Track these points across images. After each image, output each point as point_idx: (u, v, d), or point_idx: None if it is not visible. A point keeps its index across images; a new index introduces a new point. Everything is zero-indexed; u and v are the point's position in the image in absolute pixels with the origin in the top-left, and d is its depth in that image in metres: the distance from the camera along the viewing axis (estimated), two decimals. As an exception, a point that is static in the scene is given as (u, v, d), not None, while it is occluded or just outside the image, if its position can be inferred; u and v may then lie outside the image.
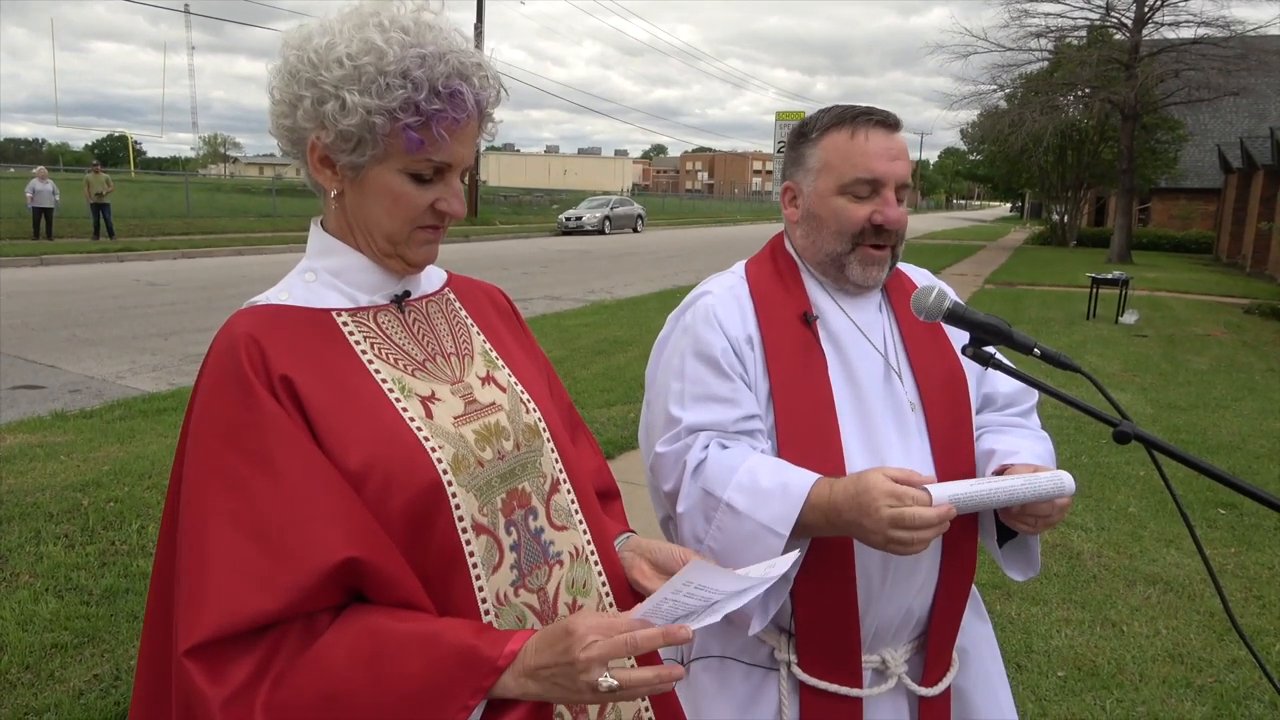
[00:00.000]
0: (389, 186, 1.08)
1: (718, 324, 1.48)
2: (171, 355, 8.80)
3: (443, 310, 1.24)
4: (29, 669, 3.09)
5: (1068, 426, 6.58)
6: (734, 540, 1.35)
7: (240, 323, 1.06)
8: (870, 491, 1.23)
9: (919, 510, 1.21)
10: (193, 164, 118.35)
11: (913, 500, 1.22)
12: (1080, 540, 4.61)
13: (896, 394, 1.49)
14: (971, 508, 1.27)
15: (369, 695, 0.93)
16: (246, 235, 24.11)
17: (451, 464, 1.07)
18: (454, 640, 0.96)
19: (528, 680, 0.96)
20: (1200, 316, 14.20)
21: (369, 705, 0.93)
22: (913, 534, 1.21)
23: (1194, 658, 3.46)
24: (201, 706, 0.91)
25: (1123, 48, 26.55)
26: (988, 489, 1.27)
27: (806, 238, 1.54)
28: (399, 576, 1.00)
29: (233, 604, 0.92)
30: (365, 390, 1.07)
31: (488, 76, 1.09)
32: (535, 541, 1.15)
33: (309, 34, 1.07)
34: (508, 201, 47.39)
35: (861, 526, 1.25)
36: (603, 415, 6.63)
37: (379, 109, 1.02)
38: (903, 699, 1.50)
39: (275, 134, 1.12)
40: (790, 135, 1.58)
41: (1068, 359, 1.30)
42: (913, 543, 1.22)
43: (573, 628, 0.95)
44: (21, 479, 4.89)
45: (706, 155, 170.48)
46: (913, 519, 1.20)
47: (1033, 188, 45.41)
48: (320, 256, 1.15)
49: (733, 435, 1.44)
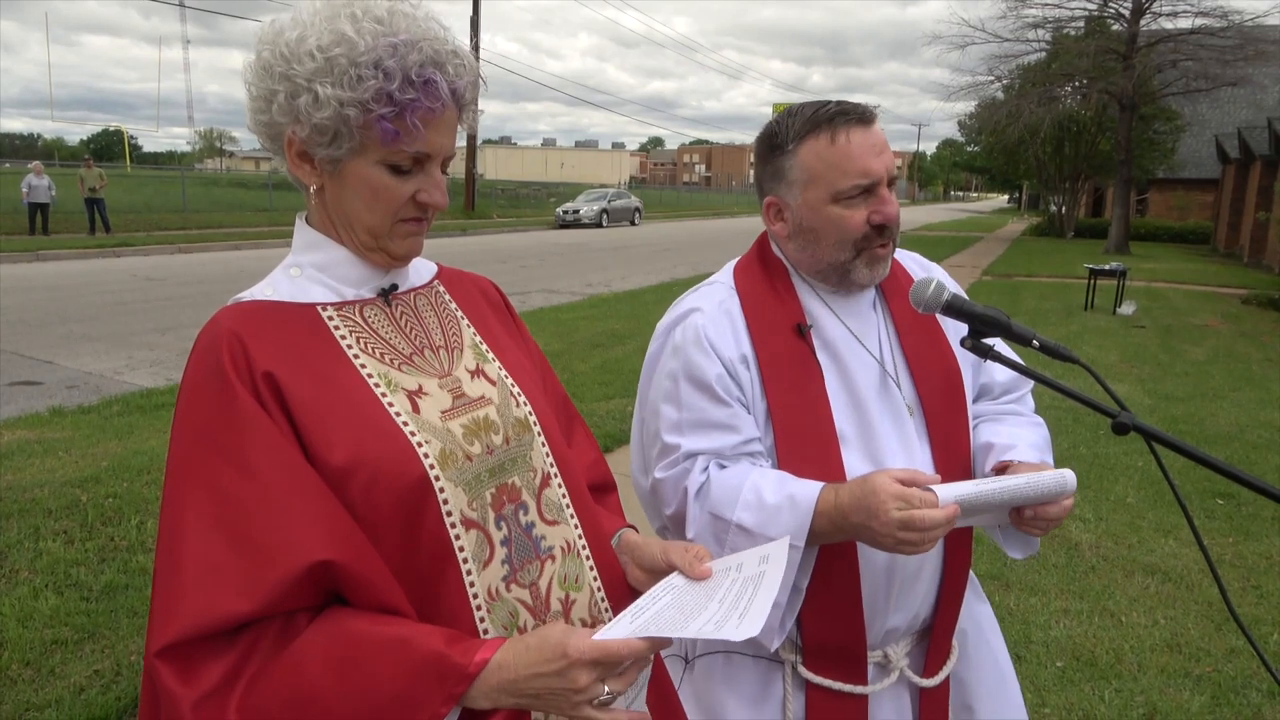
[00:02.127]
0: (368, 179, 1.07)
1: (710, 347, 1.43)
2: (169, 350, 8.78)
3: (431, 303, 1.23)
4: (29, 665, 3.09)
5: (1065, 417, 6.58)
6: None
7: (224, 320, 1.05)
8: (877, 494, 1.23)
9: (927, 512, 1.21)
10: (189, 158, 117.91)
11: (920, 501, 1.21)
12: (1079, 531, 4.62)
13: (894, 399, 1.47)
14: (977, 508, 1.27)
15: (340, 699, 0.92)
16: (243, 230, 24.06)
17: (438, 459, 1.06)
18: (425, 647, 0.95)
19: (501, 694, 0.95)
20: (1198, 307, 14.21)
21: (340, 710, 0.92)
22: (922, 535, 1.21)
23: (1192, 647, 3.48)
24: (172, 707, 0.90)
25: (1120, 38, 26.49)
26: (992, 489, 1.27)
27: (802, 250, 1.48)
28: (376, 580, 0.99)
29: (205, 604, 0.91)
30: (350, 385, 1.06)
31: (463, 64, 1.08)
32: (526, 536, 1.14)
33: (281, 28, 1.06)
34: (505, 195, 47.26)
35: (870, 529, 1.25)
36: (601, 409, 6.63)
37: (351, 101, 1.01)
38: (904, 690, 1.51)
39: (253, 129, 1.11)
40: (759, 147, 1.50)
41: (1067, 350, 1.30)
42: (922, 543, 1.23)
43: (569, 650, 0.94)
44: (20, 475, 4.88)
45: (703, 148, 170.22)
46: (921, 521, 1.20)
47: (1030, 179, 45.44)
48: (305, 251, 1.14)
49: (732, 459, 1.42)
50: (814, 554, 1.38)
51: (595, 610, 1.19)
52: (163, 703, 0.91)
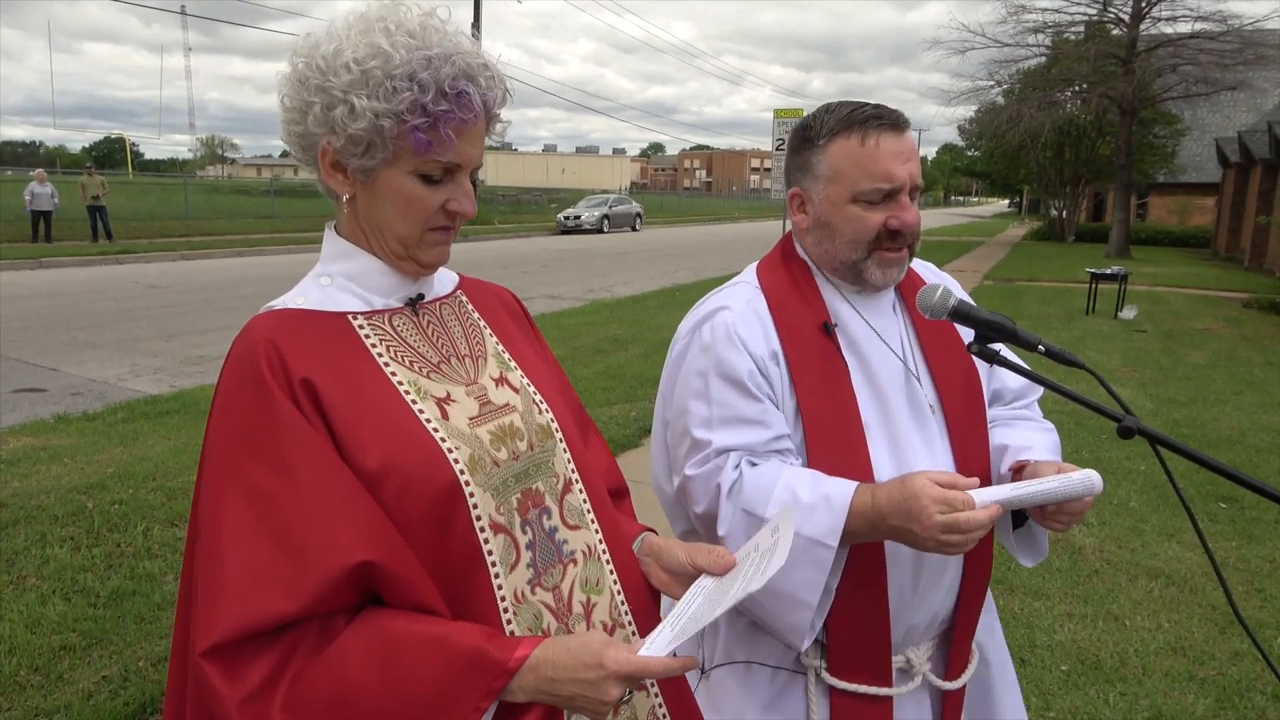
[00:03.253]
0: (400, 188, 1.09)
1: (741, 344, 1.44)
2: (173, 357, 8.81)
3: (456, 312, 1.25)
4: (38, 671, 3.10)
5: (1068, 421, 6.59)
6: None
7: (258, 327, 1.07)
8: (920, 499, 1.24)
9: (971, 514, 1.23)
10: (190, 165, 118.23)
11: (963, 504, 1.23)
12: (1082, 535, 4.62)
13: (916, 397, 1.49)
14: (1009, 508, 1.31)
15: (382, 697, 0.95)
16: (246, 236, 24.09)
17: (468, 464, 1.08)
18: (464, 643, 0.98)
19: (538, 692, 0.99)
20: (1199, 311, 14.21)
21: (382, 707, 0.95)
22: (965, 536, 1.24)
23: (1196, 651, 3.48)
24: (219, 706, 0.92)
25: (1120, 43, 26.54)
26: (1028, 492, 1.30)
27: (819, 245, 1.51)
28: (413, 580, 1.01)
29: (250, 605, 0.93)
30: (382, 393, 1.08)
31: (494, 77, 1.10)
32: (550, 540, 1.16)
33: (316, 41, 1.08)
34: (506, 201, 47.28)
35: (911, 533, 1.26)
36: (604, 414, 6.64)
37: (387, 112, 1.03)
38: (925, 694, 1.52)
39: (286, 141, 1.14)
40: (792, 138, 1.54)
41: (1072, 355, 1.32)
42: (965, 545, 1.25)
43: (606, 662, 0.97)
44: (26, 482, 4.90)
45: (704, 153, 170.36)
46: (966, 523, 1.22)
47: (1031, 183, 45.43)
48: (335, 261, 1.17)
49: (763, 455, 1.43)
50: (845, 554, 1.38)
51: (615, 613, 1.21)
52: (210, 702, 0.93)
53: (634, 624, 1.22)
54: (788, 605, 1.36)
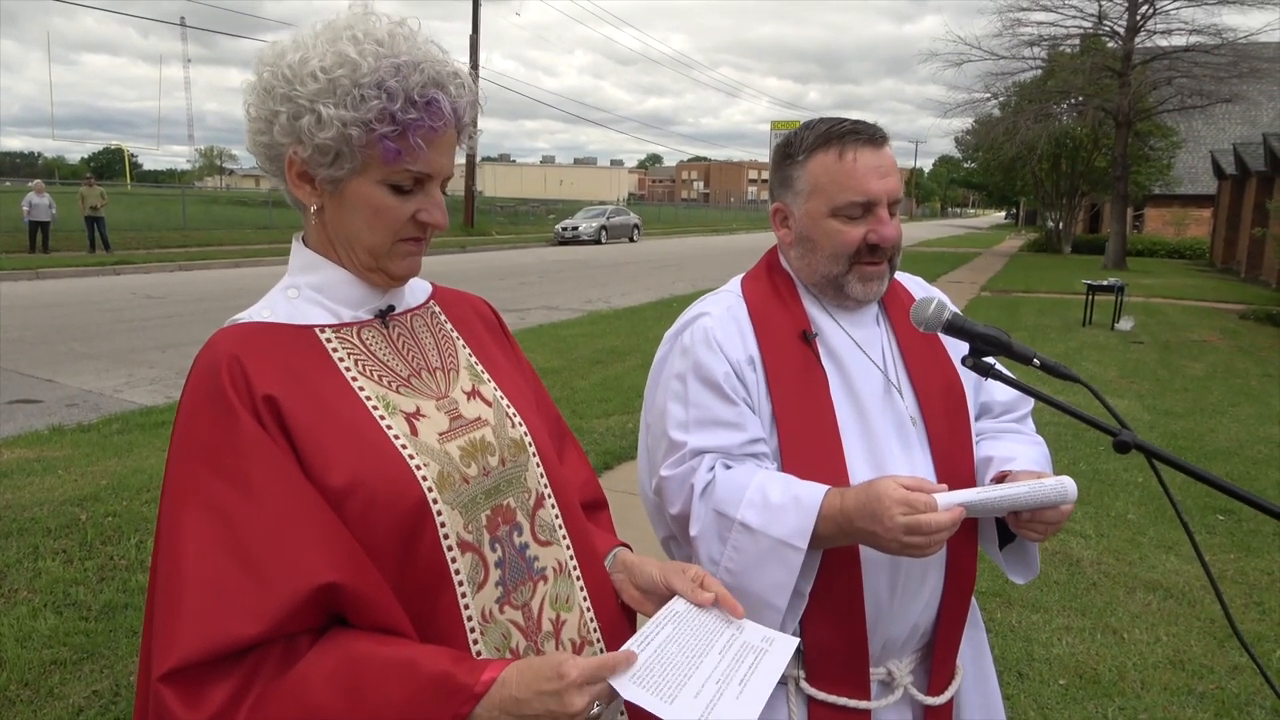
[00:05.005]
0: (369, 199, 1.08)
1: (718, 347, 1.47)
2: (169, 368, 8.78)
3: (428, 324, 1.23)
4: (28, 685, 3.08)
5: (1065, 434, 6.59)
6: (751, 559, 1.35)
7: (222, 342, 1.05)
8: (883, 500, 1.25)
9: (932, 516, 1.23)
10: (189, 176, 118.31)
11: (925, 506, 1.24)
12: (1080, 547, 4.61)
13: (897, 408, 1.50)
14: (978, 514, 1.30)
15: None
16: (243, 247, 24.11)
17: (436, 481, 1.06)
18: (431, 668, 0.96)
19: (504, 713, 0.96)
20: (1196, 322, 14.24)
21: None
22: (928, 538, 1.24)
23: (1195, 664, 3.47)
24: None
25: (1116, 55, 26.68)
26: (995, 496, 1.29)
27: (801, 259, 1.53)
28: (379, 600, 0.99)
29: (211, 627, 0.91)
30: (349, 408, 1.06)
31: (464, 85, 1.09)
32: (520, 557, 1.14)
33: (282, 50, 1.07)
34: (504, 212, 47.39)
35: (874, 534, 1.27)
36: (601, 425, 6.62)
37: (354, 121, 1.02)
38: (907, 708, 1.51)
39: (252, 151, 1.11)
40: (775, 154, 1.56)
41: (1068, 369, 1.31)
42: (928, 546, 1.25)
43: (564, 671, 0.95)
44: (19, 494, 4.87)
45: (702, 164, 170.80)
46: (927, 525, 1.23)
47: (1027, 195, 45.62)
48: (302, 272, 1.14)
49: (738, 459, 1.44)
50: (817, 558, 1.38)
51: (585, 631, 1.19)
52: None
53: (603, 641, 1.20)
54: (756, 608, 1.34)
